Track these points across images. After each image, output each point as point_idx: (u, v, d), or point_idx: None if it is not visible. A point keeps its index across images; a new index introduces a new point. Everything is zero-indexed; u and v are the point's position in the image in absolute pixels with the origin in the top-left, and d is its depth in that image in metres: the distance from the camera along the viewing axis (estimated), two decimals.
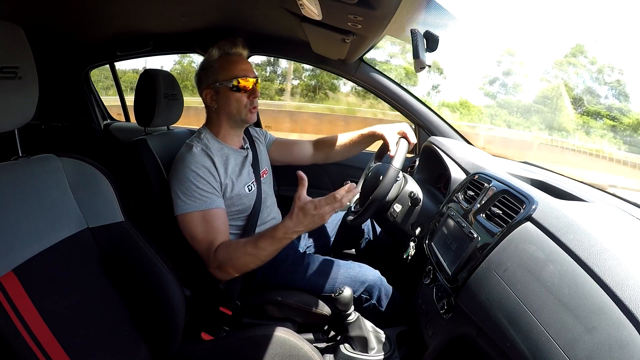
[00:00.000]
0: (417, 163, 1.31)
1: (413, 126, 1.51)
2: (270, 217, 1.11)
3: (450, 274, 0.72)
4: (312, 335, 1.08)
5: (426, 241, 0.92)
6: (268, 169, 1.17)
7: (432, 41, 0.84)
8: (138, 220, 0.75)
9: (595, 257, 0.49)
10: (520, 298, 0.53)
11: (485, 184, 0.82)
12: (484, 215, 0.75)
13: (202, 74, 1.02)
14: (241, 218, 1.03)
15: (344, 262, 1.08)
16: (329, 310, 1.02)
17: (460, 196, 0.89)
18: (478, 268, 0.66)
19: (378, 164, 1.13)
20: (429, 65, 0.84)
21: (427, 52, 0.84)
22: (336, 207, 0.76)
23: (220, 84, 0.99)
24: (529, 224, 0.62)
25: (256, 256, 0.84)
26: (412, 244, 1.01)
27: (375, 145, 1.21)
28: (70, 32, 1.61)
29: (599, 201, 0.75)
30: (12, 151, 0.63)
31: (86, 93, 2.10)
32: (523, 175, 0.93)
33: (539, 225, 0.60)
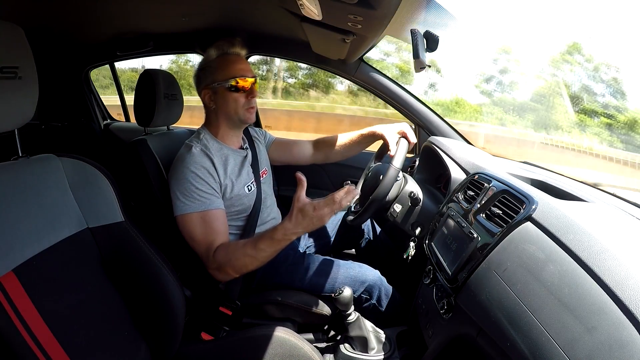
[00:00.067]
0: (417, 163, 1.31)
1: (413, 126, 1.51)
2: (270, 217, 1.11)
3: (450, 274, 0.72)
4: (312, 335, 1.08)
5: (426, 241, 0.92)
6: (268, 169, 1.17)
7: (432, 41, 0.84)
8: (138, 220, 0.75)
9: (595, 257, 0.49)
10: (520, 298, 0.54)
11: (485, 184, 0.82)
12: (484, 215, 0.75)
13: (201, 74, 1.02)
14: (241, 218, 1.03)
15: (344, 262, 1.08)
16: (329, 310, 1.02)
17: (460, 196, 0.89)
18: (478, 268, 0.66)
19: (378, 164, 1.13)
20: (428, 66, 0.84)
21: (427, 52, 0.84)
22: (335, 209, 0.76)
23: (218, 84, 0.98)
24: (529, 224, 0.62)
25: (255, 257, 0.84)
26: (412, 244, 1.01)
27: (375, 146, 1.21)
28: (70, 32, 1.61)
29: (599, 201, 0.75)
30: (12, 151, 0.63)
31: (86, 93, 2.10)
32: (523, 175, 0.93)
33: (539, 225, 0.60)
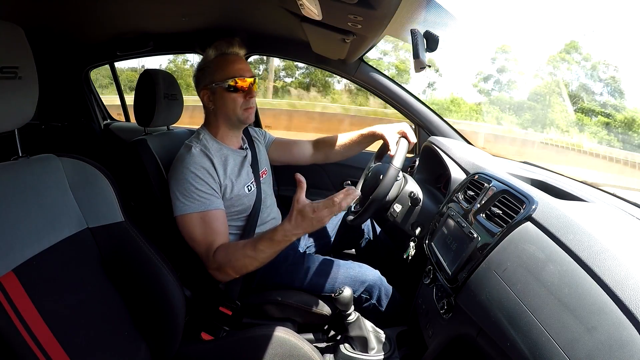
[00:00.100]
0: (417, 163, 1.30)
1: (413, 126, 1.51)
2: (270, 217, 1.11)
3: (450, 274, 0.72)
4: (312, 335, 1.08)
5: (426, 241, 0.92)
6: (267, 169, 1.17)
7: (432, 41, 0.83)
8: (138, 220, 0.75)
9: (595, 257, 0.49)
10: (520, 298, 0.54)
11: (485, 184, 0.82)
12: (484, 215, 0.75)
13: (200, 75, 1.02)
14: (241, 218, 1.03)
15: (344, 262, 1.08)
16: (329, 310, 1.02)
17: (460, 196, 0.89)
18: (478, 268, 0.66)
19: (378, 164, 1.13)
20: (428, 66, 0.84)
21: (427, 52, 0.83)
22: (335, 211, 0.75)
23: (216, 85, 0.98)
24: (529, 224, 0.62)
25: (255, 258, 0.84)
26: (412, 244, 1.01)
27: (375, 146, 1.21)
28: (70, 32, 1.61)
29: (599, 201, 0.75)
30: (12, 151, 0.63)
31: (86, 93, 2.10)
32: (523, 175, 0.93)
33: (539, 225, 0.60)
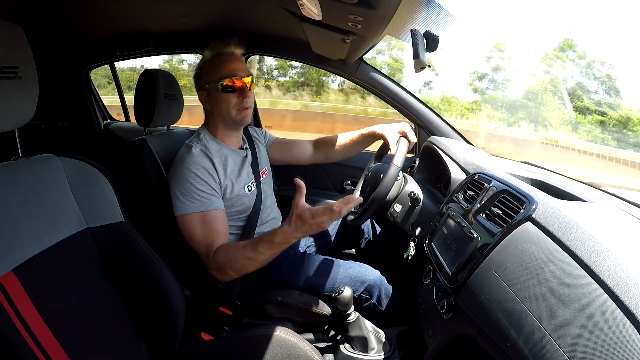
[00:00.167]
0: (417, 163, 1.30)
1: (413, 126, 1.51)
2: (270, 217, 1.11)
3: (450, 274, 0.72)
4: (312, 335, 1.08)
5: (426, 241, 0.92)
6: (268, 169, 1.17)
7: (432, 41, 0.83)
8: (138, 220, 0.75)
9: (595, 257, 0.49)
10: (520, 298, 0.53)
11: (485, 184, 0.82)
12: (484, 215, 0.75)
13: (197, 75, 1.03)
14: (241, 218, 1.03)
15: (344, 262, 1.08)
16: (329, 310, 1.02)
17: (460, 196, 0.89)
18: (478, 268, 0.66)
19: (378, 164, 1.13)
20: (428, 66, 0.84)
21: (427, 52, 0.83)
22: (335, 218, 0.76)
23: (210, 85, 0.99)
24: (529, 224, 0.62)
25: (255, 260, 0.84)
26: (412, 244, 1.01)
27: (375, 146, 1.21)
28: (70, 32, 1.61)
29: (599, 201, 0.75)
30: (12, 151, 0.63)
31: (86, 93, 2.10)
32: (523, 175, 0.93)
33: (539, 225, 0.60)
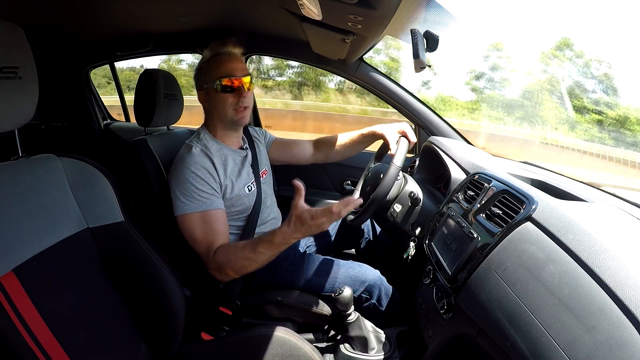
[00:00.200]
0: (417, 163, 1.30)
1: (413, 126, 1.51)
2: (271, 217, 1.11)
3: (450, 274, 0.72)
4: (312, 335, 1.09)
5: (426, 241, 0.92)
6: (268, 169, 1.17)
7: (432, 41, 0.83)
8: (138, 220, 0.75)
9: (595, 257, 0.49)
10: (520, 298, 0.53)
11: (485, 184, 0.82)
12: (484, 215, 0.75)
13: (197, 75, 1.03)
14: (241, 218, 1.03)
15: (344, 262, 1.08)
16: (329, 310, 1.02)
17: (460, 196, 0.89)
18: (478, 268, 0.66)
19: (378, 164, 1.13)
20: (429, 66, 0.84)
21: (427, 52, 0.83)
22: (334, 219, 0.76)
23: (207, 85, 0.99)
24: (529, 224, 0.62)
25: (254, 260, 0.84)
26: (412, 244, 1.01)
27: (375, 146, 1.21)
28: (70, 32, 1.61)
29: (599, 201, 0.75)
30: (12, 151, 0.63)
31: (86, 93, 2.10)
32: (523, 175, 0.93)
33: (539, 225, 0.60)
